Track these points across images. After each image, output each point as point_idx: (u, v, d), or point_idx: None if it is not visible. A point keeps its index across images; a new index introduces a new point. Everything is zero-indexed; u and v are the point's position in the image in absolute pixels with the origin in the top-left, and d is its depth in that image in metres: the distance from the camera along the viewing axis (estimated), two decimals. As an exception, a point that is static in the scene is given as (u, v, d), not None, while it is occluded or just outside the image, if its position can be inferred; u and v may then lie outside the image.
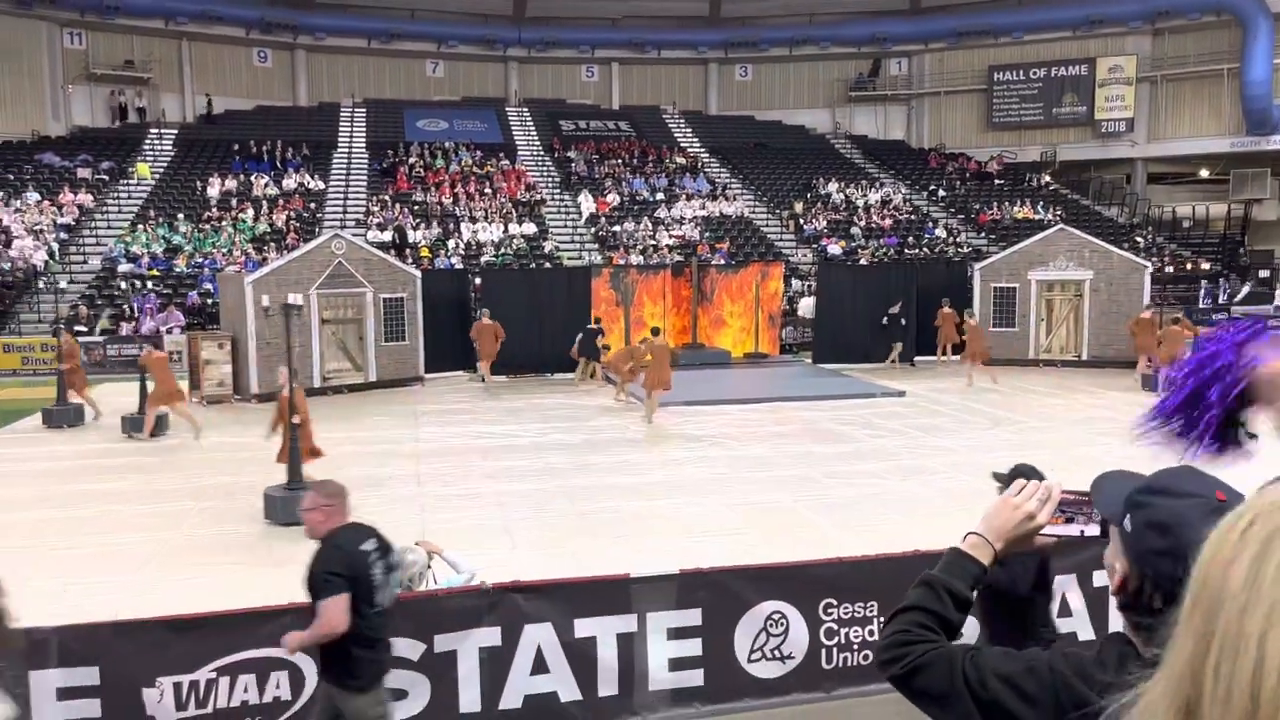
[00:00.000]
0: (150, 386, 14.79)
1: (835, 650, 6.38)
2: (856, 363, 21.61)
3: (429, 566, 5.82)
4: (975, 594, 1.81)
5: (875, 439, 14.03)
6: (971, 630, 5.45)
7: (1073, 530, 1.81)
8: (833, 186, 36.84)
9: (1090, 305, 21.36)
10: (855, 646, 6.42)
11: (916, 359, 22.23)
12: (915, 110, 43.72)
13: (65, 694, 5.33)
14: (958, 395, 17.94)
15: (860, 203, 35.83)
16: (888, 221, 34.48)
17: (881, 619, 6.47)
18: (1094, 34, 40.21)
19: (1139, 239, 34.06)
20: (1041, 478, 1.90)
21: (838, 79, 43.66)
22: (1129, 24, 39.66)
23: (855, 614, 6.42)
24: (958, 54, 42.30)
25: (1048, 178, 39.55)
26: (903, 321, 21.77)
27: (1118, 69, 40.25)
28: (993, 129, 42.00)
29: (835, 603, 6.37)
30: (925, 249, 32.37)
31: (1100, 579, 6.62)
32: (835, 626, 6.39)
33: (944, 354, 21.50)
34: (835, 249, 32.02)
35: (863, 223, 34.16)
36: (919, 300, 22.01)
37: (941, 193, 37.55)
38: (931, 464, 12.38)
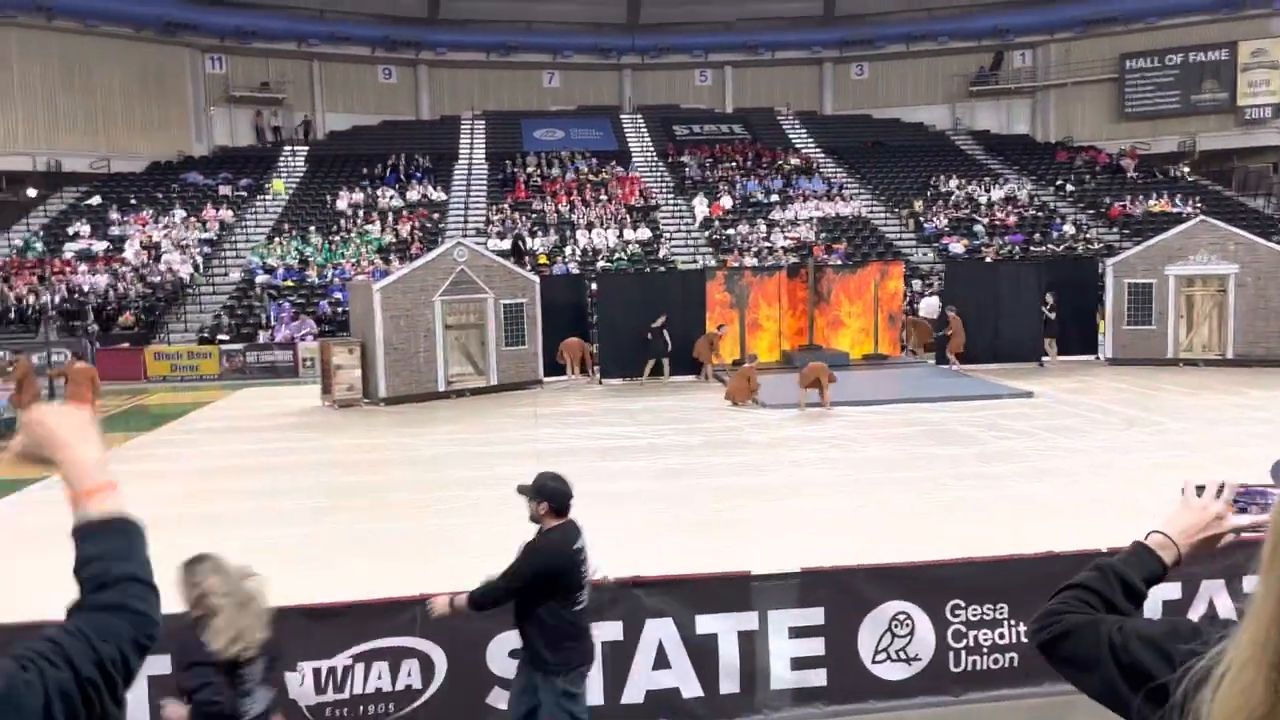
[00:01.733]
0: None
1: (964, 653, 6.22)
2: (985, 362, 21.13)
3: None
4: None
5: (1002, 440, 13.60)
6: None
7: (1258, 518, 1.76)
8: (953, 183, 35.91)
9: (1236, 300, 20.21)
10: (985, 650, 6.24)
11: (1045, 359, 21.52)
12: (1040, 103, 42.25)
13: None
14: (1090, 395, 17.23)
15: (983, 200, 34.81)
16: (1012, 218, 33.39)
17: (1012, 622, 6.29)
18: (1235, 16, 38.09)
19: (1288, 231, 32.08)
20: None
21: (957, 74, 42.55)
22: (1273, 4, 37.43)
23: (984, 616, 6.25)
24: (1085, 43, 40.69)
25: (1186, 168, 37.63)
26: (1052, 315, 21.23)
27: (1262, 52, 38.03)
28: (1125, 119, 40.24)
29: (963, 604, 6.21)
30: (1052, 246, 31.22)
31: (1250, 583, 6.27)
32: (963, 629, 6.23)
33: (956, 361, 20.74)
34: (957, 247, 31.19)
35: (986, 220, 33.17)
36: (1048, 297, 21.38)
37: (1070, 187, 36.15)
38: (1062, 465, 11.92)
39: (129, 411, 19.46)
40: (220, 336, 25.11)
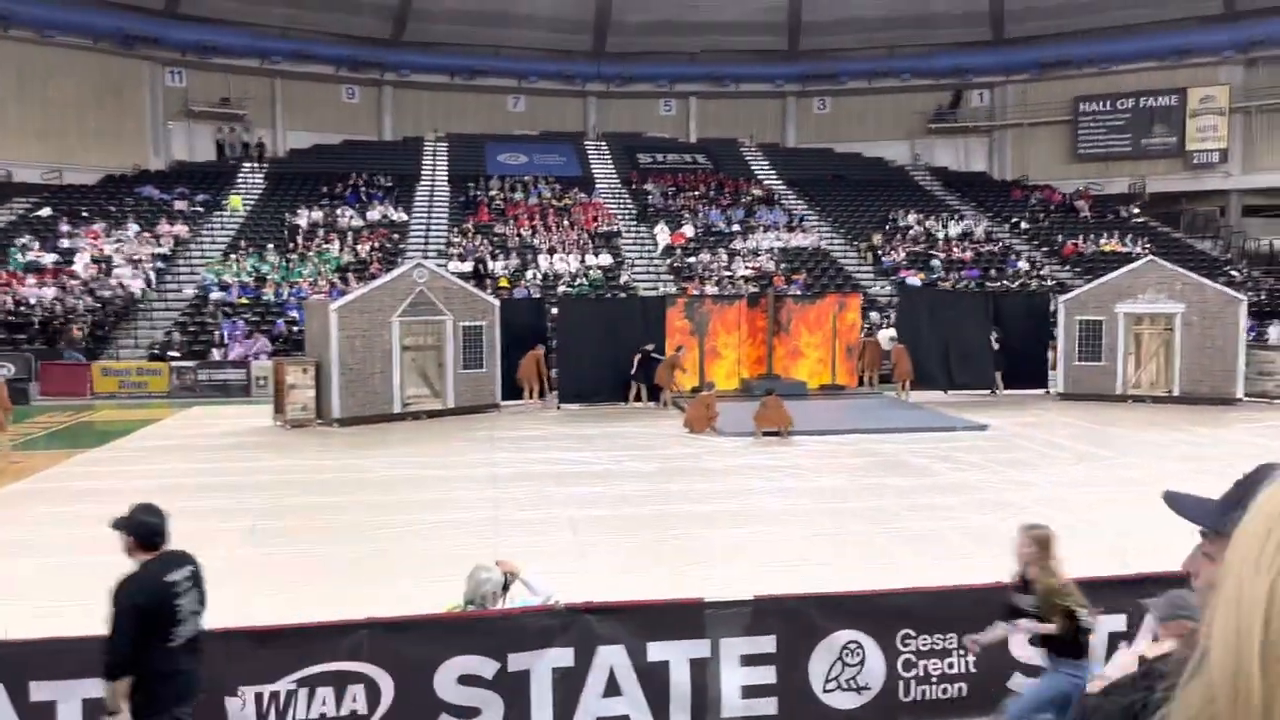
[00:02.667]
0: None
1: (914, 683, 6.23)
2: (939, 388, 21.63)
3: (506, 586, 5.84)
4: None
5: (956, 472, 13.73)
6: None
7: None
8: (912, 218, 36.44)
9: (1182, 339, 20.67)
10: (934, 679, 6.25)
11: (1000, 391, 21.92)
12: (997, 142, 43.12)
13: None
14: (1042, 430, 17.48)
15: (940, 235, 35.35)
16: (968, 254, 33.94)
17: (961, 652, 6.31)
18: (1183, 64, 39.25)
19: (1234, 273, 32.91)
20: None
21: (917, 111, 43.32)
22: (1221, 54, 38.63)
23: (934, 646, 6.26)
24: (1041, 85, 41.67)
25: (1136, 209, 38.54)
26: (995, 348, 21.63)
27: (1209, 99, 39.18)
28: (1078, 160, 41.19)
29: (914, 633, 6.23)
30: (1007, 282, 31.75)
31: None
32: (913, 658, 6.24)
33: (903, 389, 21.26)
34: (915, 281, 31.60)
35: (943, 255, 33.68)
36: (1002, 330, 21.85)
37: (1024, 225, 36.85)
38: (1014, 498, 12.05)
39: (73, 427, 19.03)
40: (171, 353, 24.68)
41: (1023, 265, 33.41)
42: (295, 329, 25.29)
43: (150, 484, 13.19)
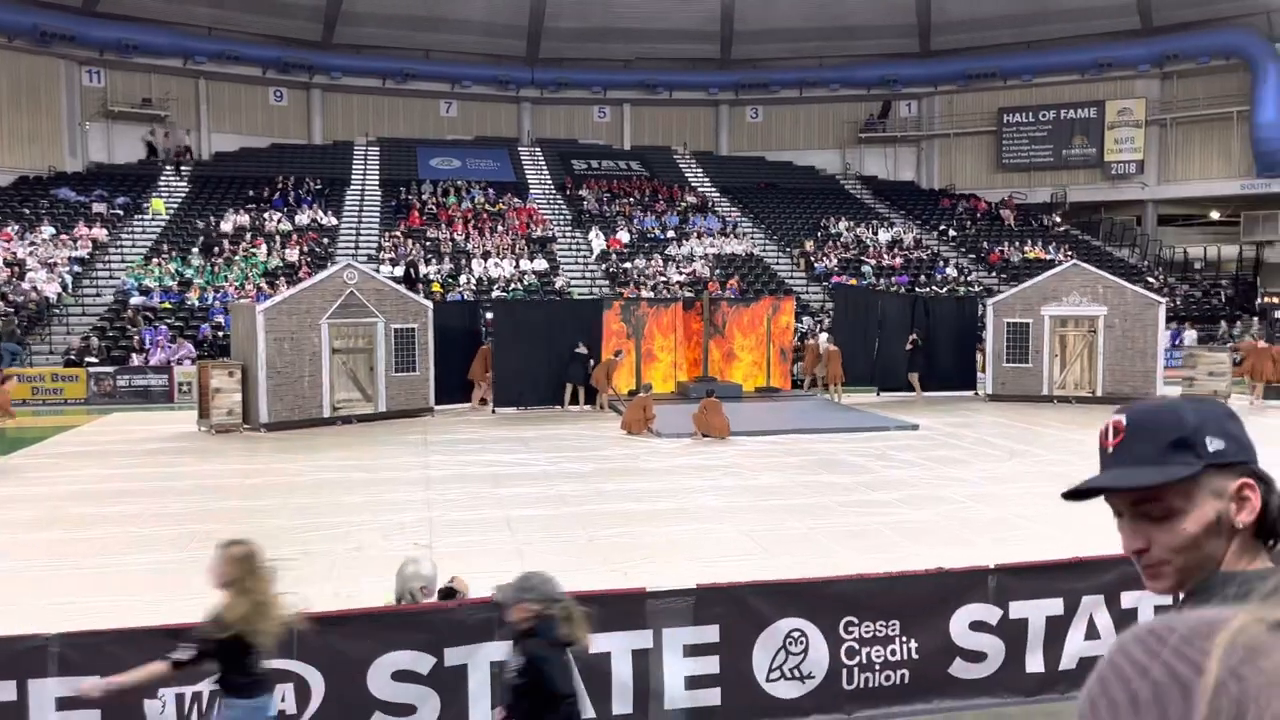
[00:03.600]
0: None
1: (856, 670, 6.19)
2: (867, 385, 22.16)
3: (434, 578, 5.68)
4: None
5: (889, 469, 13.85)
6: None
7: None
8: (843, 226, 36.92)
9: (1105, 341, 21.21)
10: (877, 666, 6.23)
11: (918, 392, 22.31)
12: (925, 151, 43.95)
13: (65, 704, 5.19)
14: (973, 429, 17.76)
15: (870, 242, 35.87)
16: (898, 260, 34.48)
17: (904, 638, 6.31)
18: (1103, 77, 40.47)
19: (1150, 280, 33.97)
20: None
21: (848, 121, 43.96)
22: (1138, 68, 39.92)
23: (877, 633, 6.24)
24: (967, 96, 42.61)
25: (1058, 219, 39.58)
26: (910, 345, 21.93)
27: (1127, 112, 40.46)
28: (1002, 170, 42.18)
29: (856, 621, 6.20)
30: (936, 288, 32.32)
31: (1128, 600, 6.43)
32: (856, 646, 6.21)
33: (835, 389, 21.51)
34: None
35: (874, 261, 34.17)
36: (932, 333, 22.18)
37: (952, 233, 37.60)
38: (947, 494, 12.19)
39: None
40: (89, 359, 23.81)
41: (951, 272, 34.05)
42: (221, 334, 24.61)
43: (65, 490, 12.66)
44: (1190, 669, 0.76)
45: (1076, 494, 1.56)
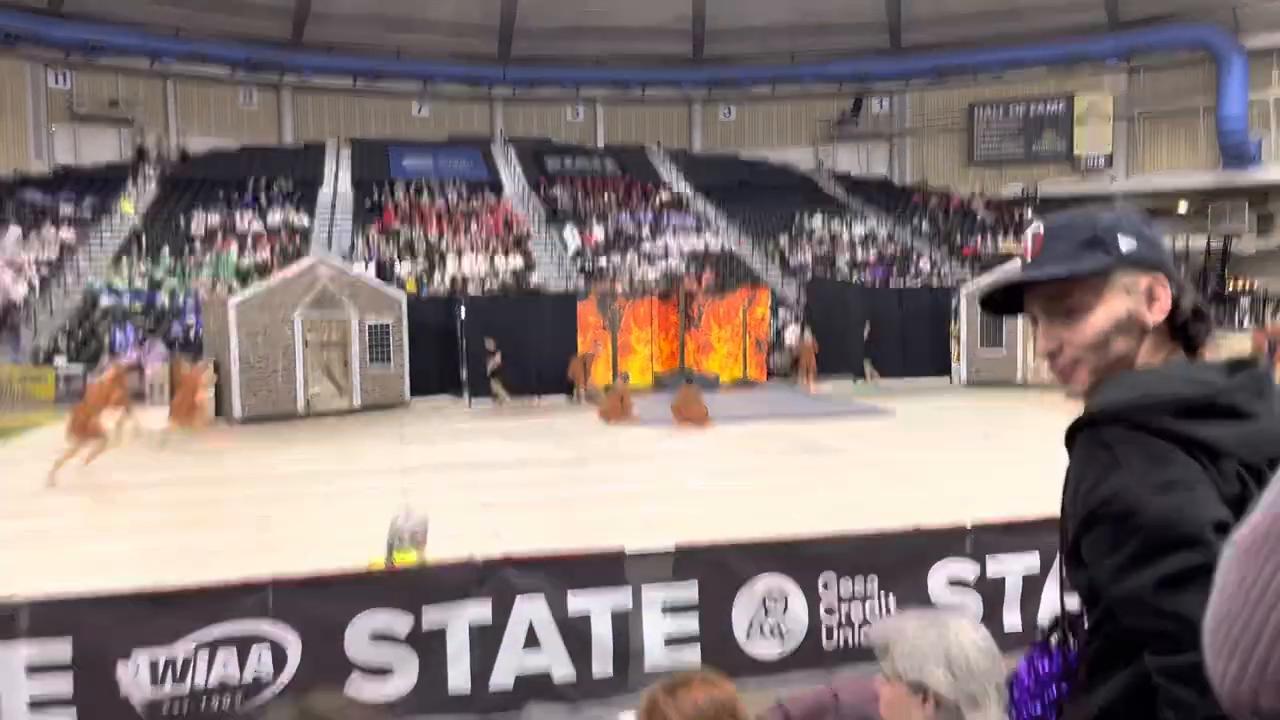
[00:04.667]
0: None
1: (835, 627, 6.20)
2: (840, 377, 22.17)
3: (425, 526, 5.69)
4: None
5: (869, 450, 13.90)
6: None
7: None
8: (817, 221, 37.07)
9: (1077, 327, 21.43)
10: (855, 624, 6.23)
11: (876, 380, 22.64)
12: (897, 147, 44.22)
13: (35, 670, 5.09)
14: (950, 414, 17.87)
15: (845, 237, 36.04)
16: (872, 255, 34.66)
17: (883, 593, 6.32)
18: (1071, 73, 40.88)
19: (1121, 270, 34.27)
20: None
21: (820, 118, 44.15)
22: (1106, 62, 40.36)
23: (855, 591, 6.25)
24: (938, 92, 42.91)
25: (1029, 212, 39.92)
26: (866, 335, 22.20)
27: (1095, 106, 40.89)
28: (974, 165, 42.50)
29: (835, 577, 6.20)
30: (909, 281, 32.50)
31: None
32: (835, 603, 6.21)
33: (808, 380, 21.68)
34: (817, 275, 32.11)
35: (847, 256, 34.33)
36: (905, 322, 22.32)
37: (925, 227, 37.84)
38: (924, 472, 12.25)
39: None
40: (57, 360, 23.50)
41: (924, 265, 34.27)
42: (193, 333, 24.35)
43: (33, 484, 12.48)
44: None
45: (991, 300, 1.57)
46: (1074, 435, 1.41)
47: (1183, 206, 41.88)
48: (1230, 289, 35.50)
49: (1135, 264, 1.43)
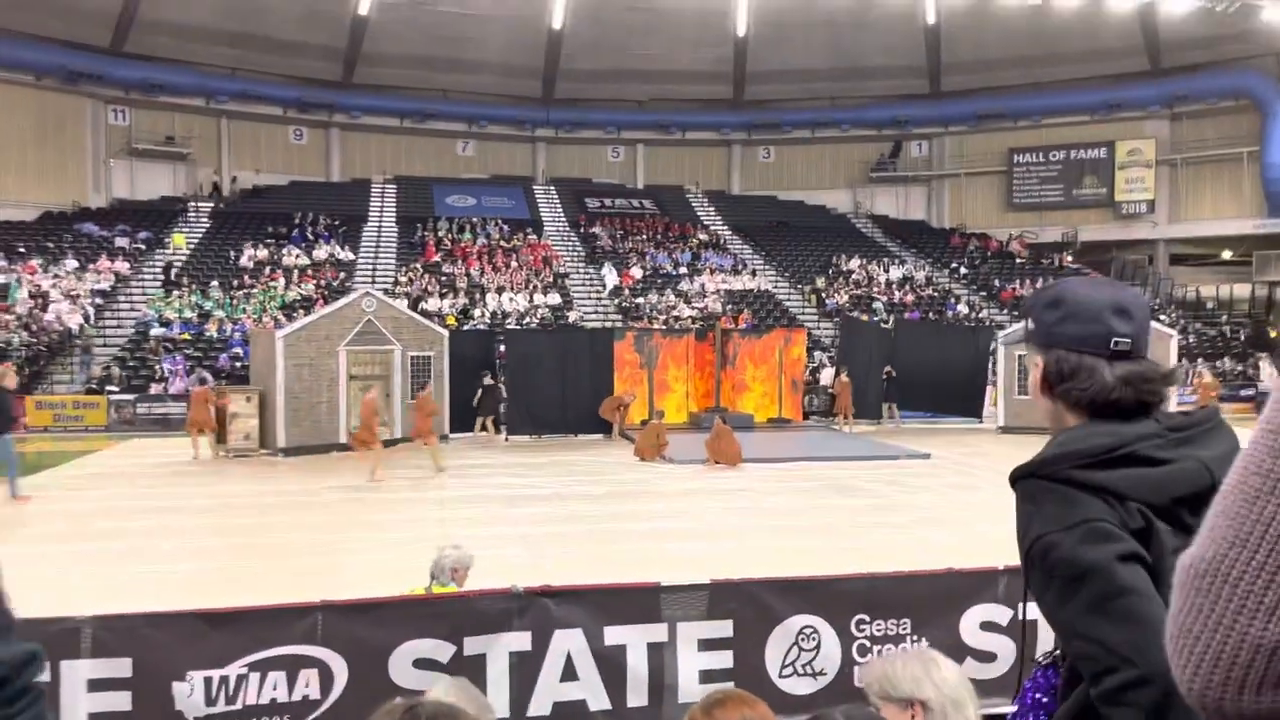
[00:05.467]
0: None
1: (868, 668, 6.28)
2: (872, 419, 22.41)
3: (468, 563, 5.89)
4: None
5: (902, 494, 13.93)
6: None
7: None
8: (854, 263, 37.18)
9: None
10: (888, 667, 6.31)
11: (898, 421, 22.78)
12: (935, 191, 44.31)
13: (96, 685, 5.32)
14: (983, 459, 17.82)
15: (882, 279, 36.10)
16: (909, 297, 34.67)
17: (915, 637, 6.40)
18: (1112, 118, 40.83)
19: (1162, 318, 34.03)
20: None
21: (859, 160, 44.41)
22: (1147, 109, 40.28)
23: (889, 631, 6.33)
24: (978, 136, 43.01)
25: (1069, 257, 39.75)
26: (885, 377, 22.67)
27: (1137, 152, 40.76)
28: (1013, 209, 42.45)
29: (868, 619, 6.29)
30: (947, 324, 32.45)
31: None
32: (868, 644, 6.30)
33: (845, 421, 21.74)
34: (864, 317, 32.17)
35: (884, 298, 34.37)
36: (934, 364, 22.54)
37: (963, 270, 37.80)
38: (958, 515, 12.26)
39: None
40: (110, 388, 24.13)
41: (962, 309, 34.21)
42: (239, 364, 24.90)
43: (86, 507, 12.87)
44: None
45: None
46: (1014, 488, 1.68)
47: (1226, 254, 41.50)
48: (1275, 336, 35.01)
49: (1034, 341, 1.76)
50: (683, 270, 35.45)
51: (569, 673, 5.86)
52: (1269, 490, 0.79)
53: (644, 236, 38.14)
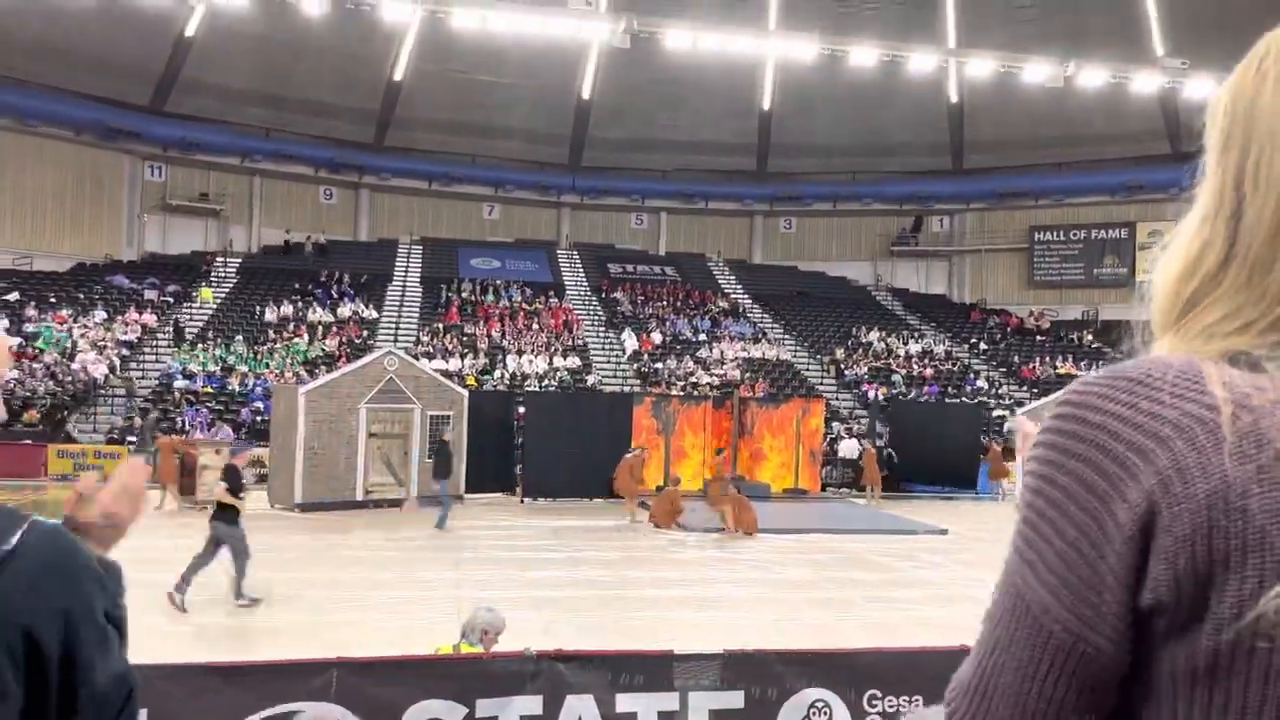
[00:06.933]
0: None
1: (880, 745, 6.23)
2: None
3: (500, 627, 5.98)
4: None
5: (917, 570, 13.84)
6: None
7: None
8: (874, 335, 37.28)
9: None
10: (900, 742, 6.26)
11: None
12: (956, 266, 44.53)
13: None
14: (1005, 534, 17.64)
15: (901, 352, 36.15)
16: (929, 370, 34.66)
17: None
18: (1133, 199, 41.09)
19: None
20: None
21: (880, 233, 44.77)
22: (1168, 191, 40.50)
23: (901, 707, 6.29)
24: (999, 213, 43.34)
25: (1090, 336, 39.71)
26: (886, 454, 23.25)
27: (1158, 233, 40.84)
28: (1034, 286, 42.56)
29: (880, 694, 6.26)
30: (966, 399, 32.38)
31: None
32: (879, 719, 6.26)
33: (874, 492, 21.81)
34: (876, 394, 32.15)
35: (903, 371, 34.38)
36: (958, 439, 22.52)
37: (983, 346, 37.81)
38: (972, 593, 12.13)
39: (20, 505, 18.58)
40: (130, 438, 24.35)
41: (982, 384, 34.15)
42: (260, 419, 25.11)
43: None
44: (1201, 406, 0.74)
45: None
46: None
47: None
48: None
49: None
50: (702, 337, 35.65)
51: (579, 739, 5.86)
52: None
53: (664, 303, 38.46)
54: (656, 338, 35.04)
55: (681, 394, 26.32)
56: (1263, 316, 0.80)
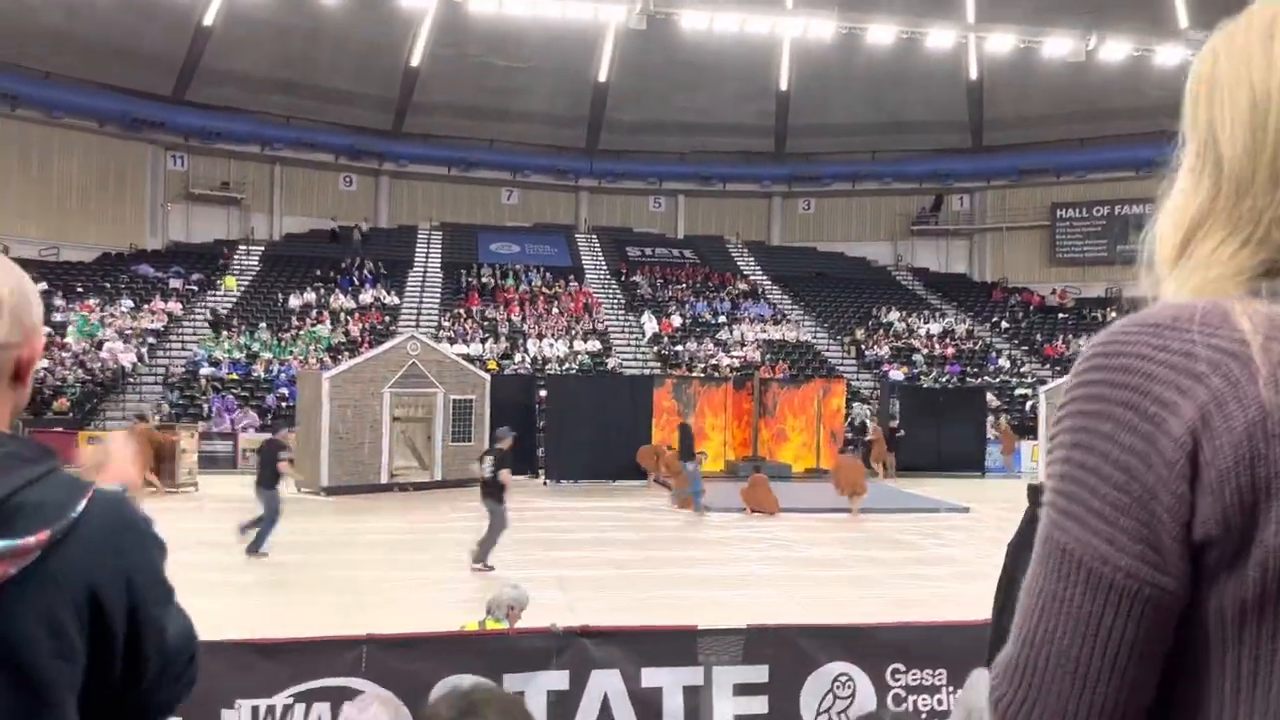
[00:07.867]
0: None
1: (903, 718, 6.29)
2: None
3: (524, 603, 6.09)
4: None
5: (941, 548, 13.87)
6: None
7: None
8: (894, 315, 37.15)
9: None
10: (923, 716, 6.32)
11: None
12: (977, 244, 44.24)
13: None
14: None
15: (922, 332, 36.02)
16: (950, 350, 34.53)
17: (950, 688, 6.41)
18: (1156, 174, 40.35)
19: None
20: None
21: (900, 213, 44.51)
22: (1192, 164, 40.06)
23: (923, 682, 6.35)
24: (1020, 191, 42.98)
25: (1113, 313, 39.38)
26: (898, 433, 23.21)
27: (1181, 208, 40.47)
28: (1055, 264, 42.22)
29: (903, 668, 6.32)
30: (988, 378, 32.26)
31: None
32: (903, 693, 6.32)
33: (883, 469, 22.02)
34: (897, 374, 32.07)
35: (924, 350, 34.27)
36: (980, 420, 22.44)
37: (1005, 325, 37.61)
38: (995, 570, 12.17)
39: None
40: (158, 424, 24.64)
41: (1004, 363, 33.99)
42: (285, 404, 25.37)
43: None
44: (1231, 341, 0.76)
45: None
46: None
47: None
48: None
49: None
50: (722, 319, 35.65)
51: (605, 713, 5.95)
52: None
53: (684, 285, 38.47)
54: (676, 320, 35.07)
55: (702, 376, 26.37)
56: (1257, 227, 0.83)
